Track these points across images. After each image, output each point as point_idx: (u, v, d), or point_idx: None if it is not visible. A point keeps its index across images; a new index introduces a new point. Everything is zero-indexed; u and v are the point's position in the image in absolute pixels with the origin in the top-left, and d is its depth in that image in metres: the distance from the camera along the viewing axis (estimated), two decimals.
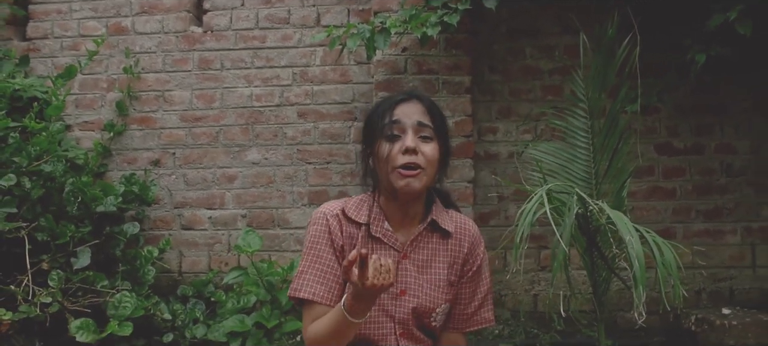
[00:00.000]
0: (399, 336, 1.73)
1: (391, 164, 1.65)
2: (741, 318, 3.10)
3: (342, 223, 1.72)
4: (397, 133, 1.66)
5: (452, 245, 1.80)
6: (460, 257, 1.80)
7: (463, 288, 1.82)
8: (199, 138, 3.77)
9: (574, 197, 1.86)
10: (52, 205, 3.06)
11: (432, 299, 1.75)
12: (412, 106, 1.69)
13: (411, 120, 1.67)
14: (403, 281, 1.72)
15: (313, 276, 1.67)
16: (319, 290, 1.66)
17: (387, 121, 1.67)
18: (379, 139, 1.68)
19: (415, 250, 1.75)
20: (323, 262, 1.68)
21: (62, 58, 3.86)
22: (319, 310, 1.65)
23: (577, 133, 2.56)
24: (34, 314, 2.68)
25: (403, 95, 1.73)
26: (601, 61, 2.44)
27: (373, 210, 1.73)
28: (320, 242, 1.70)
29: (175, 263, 3.72)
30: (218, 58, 3.80)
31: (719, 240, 3.59)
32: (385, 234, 1.72)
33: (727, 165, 3.61)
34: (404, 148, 1.63)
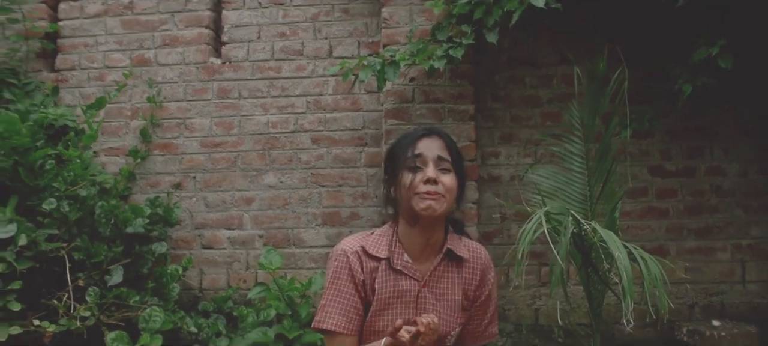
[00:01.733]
0: None
1: (413, 191, 1.77)
2: (730, 329, 3.30)
3: (362, 259, 1.84)
4: (420, 166, 1.79)
5: (466, 273, 1.92)
6: (473, 284, 1.93)
7: (476, 312, 1.96)
8: (219, 163, 4.00)
9: (570, 218, 2.07)
10: (86, 226, 3.28)
11: (448, 324, 1.88)
12: (433, 142, 1.83)
13: (432, 153, 1.80)
14: (423, 308, 1.85)
15: (335, 309, 1.80)
16: (340, 321, 1.79)
17: (410, 154, 1.80)
18: (402, 170, 1.81)
19: (433, 279, 1.88)
20: (344, 296, 1.81)
21: (89, 89, 4.11)
22: (340, 339, 1.80)
23: (573, 157, 2.78)
24: (74, 326, 2.90)
25: (424, 131, 1.86)
26: (593, 92, 2.66)
27: (393, 243, 1.86)
28: (341, 278, 1.82)
29: (196, 280, 3.94)
30: (236, 87, 4.04)
31: (710, 257, 3.79)
32: (405, 266, 1.85)
33: (717, 186, 3.81)
34: (426, 179, 1.77)
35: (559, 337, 3.64)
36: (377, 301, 1.83)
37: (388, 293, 1.83)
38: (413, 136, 1.84)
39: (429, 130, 1.87)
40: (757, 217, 3.78)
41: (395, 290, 1.84)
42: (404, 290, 1.84)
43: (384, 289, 1.83)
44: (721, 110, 3.79)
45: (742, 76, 3.36)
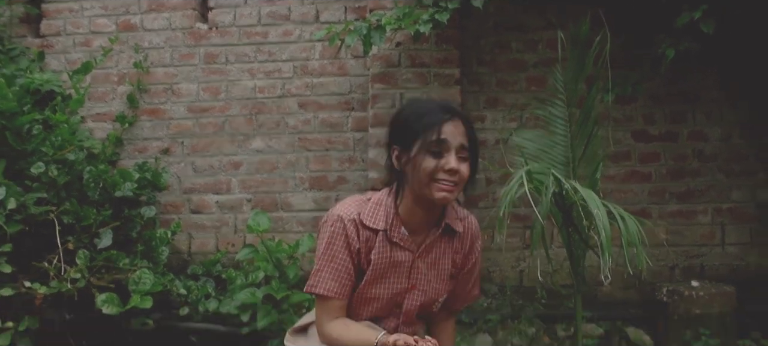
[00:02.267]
0: (401, 323, 1.92)
1: (432, 176, 1.74)
2: (708, 289, 3.39)
3: (359, 229, 1.83)
4: (442, 152, 1.74)
5: (457, 243, 1.95)
6: (462, 253, 1.97)
7: (462, 278, 2.00)
8: (206, 128, 4.02)
9: (551, 178, 2.12)
10: (75, 191, 3.30)
11: (436, 292, 1.93)
12: (456, 127, 1.77)
13: (455, 141, 1.75)
14: (414, 278, 1.89)
15: (328, 274, 1.81)
16: (333, 286, 1.81)
17: (434, 138, 1.73)
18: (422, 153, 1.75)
19: (426, 250, 1.89)
20: (338, 262, 1.81)
21: (74, 54, 4.10)
22: (332, 303, 1.82)
23: (557, 121, 2.82)
24: (64, 289, 2.93)
25: (448, 113, 1.78)
26: (576, 56, 2.70)
27: (391, 215, 1.85)
28: (336, 244, 1.82)
29: (185, 244, 3.98)
30: (223, 52, 4.04)
31: (691, 220, 3.87)
32: (402, 239, 1.85)
33: (699, 151, 3.87)
34: (448, 168, 1.73)
35: (542, 298, 3.72)
36: (372, 271, 1.84)
37: (384, 264, 1.85)
38: (437, 118, 1.76)
39: (452, 112, 1.80)
40: (738, 181, 3.86)
41: (390, 261, 1.86)
42: (399, 261, 1.86)
43: (380, 260, 1.84)
44: (704, 75, 3.84)
45: (725, 41, 3.40)
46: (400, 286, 1.89)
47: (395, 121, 1.88)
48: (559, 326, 3.62)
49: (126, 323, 3.23)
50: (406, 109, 1.88)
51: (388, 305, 1.90)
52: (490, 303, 3.74)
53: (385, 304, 1.90)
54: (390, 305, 1.91)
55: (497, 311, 3.65)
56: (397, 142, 1.85)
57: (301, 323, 2.03)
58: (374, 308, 1.90)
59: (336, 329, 1.81)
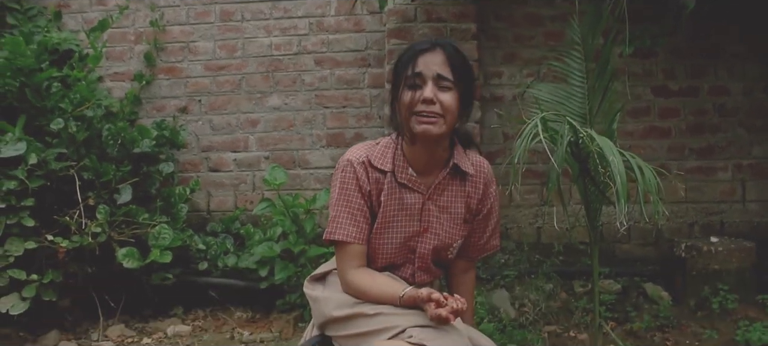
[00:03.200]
0: (416, 269, 1.89)
1: (410, 110, 1.74)
2: (726, 245, 3.36)
3: (368, 170, 1.81)
4: (419, 84, 1.73)
5: (469, 186, 1.91)
6: (476, 197, 1.92)
7: (478, 225, 1.96)
8: (223, 86, 4.03)
9: (566, 126, 2.10)
10: (94, 148, 3.33)
11: (450, 236, 1.89)
12: (434, 57, 1.75)
13: (431, 72, 1.73)
14: (426, 220, 1.86)
15: (345, 219, 1.79)
16: (351, 231, 1.78)
17: (410, 72, 1.74)
18: (402, 88, 1.77)
19: (437, 192, 1.86)
20: (353, 206, 1.79)
21: (91, 13, 4.11)
22: (352, 248, 1.79)
23: (573, 73, 2.77)
24: (86, 243, 2.98)
25: (426, 44, 1.78)
26: (593, 7, 2.65)
27: (397, 157, 1.84)
28: (349, 188, 1.80)
29: (204, 202, 4.02)
30: (238, 10, 4.03)
31: (711, 176, 3.83)
32: (410, 179, 1.83)
33: (720, 106, 3.82)
34: (422, 99, 1.72)
35: (559, 253, 3.72)
36: (383, 213, 1.82)
37: (394, 206, 1.83)
38: (414, 51, 1.77)
39: (432, 44, 1.78)
40: (759, 136, 3.80)
41: (400, 204, 1.83)
42: (409, 204, 1.84)
43: (389, 203, 1.83)
44: (726, 29, 3.76)
45: None
46: (412, 229, 1.86)
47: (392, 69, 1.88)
48: (577, 282, 3.61)
49: (147, 277, 3.28)
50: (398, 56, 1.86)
51: (402, 250, 1.88)
52: (507, 259, 3.75)
53: (398, 249, 1.87)
54: (404, 251, 1.88)
55: (515, 267, 3.65)
56: (392, 88, 1.86)
57: (319, 271, 2.01)
58: (388, 253, 1.87)
59: (361, 279, 1.79)
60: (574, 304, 3.43)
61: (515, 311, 3.35)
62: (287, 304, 3.35)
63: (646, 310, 3.36)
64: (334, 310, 1.78)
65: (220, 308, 3.52)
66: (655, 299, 3.44)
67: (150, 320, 3.41)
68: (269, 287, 3.31)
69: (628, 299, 3.49)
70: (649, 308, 3.38)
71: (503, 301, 3.37)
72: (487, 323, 3.12)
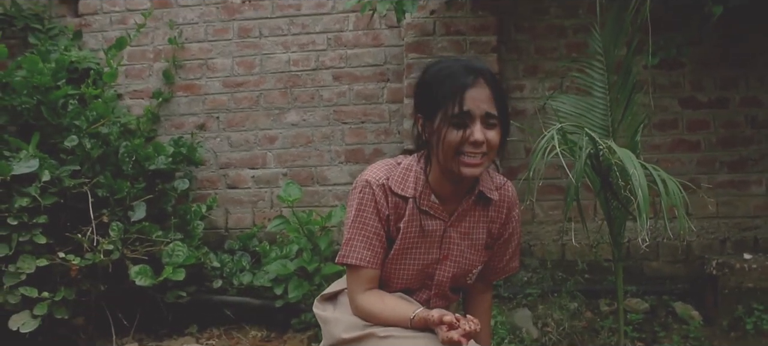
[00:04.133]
0: (433, 295, 1.82)
1: (455, 151, 1.62)
2: (761, 262, 3.21)
3: (387, 194, 1.72)
4: (466, 123, 1.61)
5: (492, 212, 1.83)
6: (498, 222, 1.84)
7: (498, 248, 1.88)
8: (241, 102, 4.00)
9: (585, 138, 2.01)
10: (109, 165, 3.32)
11: (470, 263, 1.82)
12: (480, 93, 1.62)
13: (480, 110, 1.61)
14: (446, 248, 1.78)
15: (360, 243, 1.71)
16: (366, 255, 1.71)
17: (457, 110, 1.60)
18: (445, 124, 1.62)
19: (459, 218, 1.78)
20: (369, 229, 1.72)
21: (111, 32, 4.12)
22: (365, 272, 1.72)
23: (595, 84, 2.69)
24: (98, 260, 2.95)
25: (471, 76, 1.63)
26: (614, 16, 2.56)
27: (419, 182, 1.74)
28: (366, 211, 1.72)
29: (222, 220, 3.98)
30: (256, 26, 4.01)
31: (744, 190, 3.67)
32: (432, 206, 1.74)
33: (752, 117, 3.67)
34: (473, 140, 1.60)
35: (584, 271, 3.60)
36: (402, 240, 1.74)
37: (414, 233, 1.74)
38: (460, 84, 1.61)
39: (475, 74, 1.63)
40: None
41: (420, 231, 1.74)
42: (430, 230, 1.75)
43: (409, 229, 1.74)
44: (758, 36, 3.63)
45: None
46: (432, 257, 1.78)
47: (418, 88, 1.74)
48: (603, 300, 3.49)
49: (161, 295, 3.25)
50: (427, 74, 1.72)
51: (419, 276, 1.80)
52: (530, 277, 3.64)
53: (415, 275, 1.79)
54: (421, 277, 1.80)
55: (538, 285, 3.54)
56: (420, 110, 1.72)
57: (330, 291, 1.93)
58: (404, 279, 1.79)
59: (370, 301, 1.71)
60: (599, 324, 3.30)
61: (538, 331, 3.23)
62: (302, 323, 3.28)
63: (676, 330, 3.23)
64: (344, 332, 1.72)
65: (235, 327, 3.47)
66: (685, 318, 3.30)
67: (164, 338, 3.37)
68: (285, 306, 3.25)
69: (656, 318, 3.36)
70: (678, 329, 3.25)
71: (525, 321, 3.26)
72: (508, 343, 3.02)
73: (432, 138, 1.66)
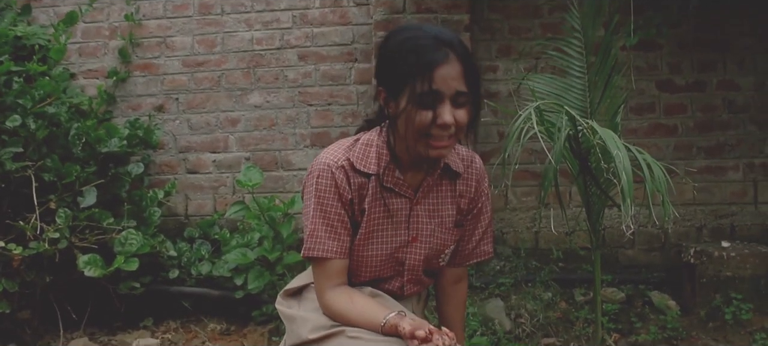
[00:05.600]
0: (406, 281, 1.72)
1: (423, 132, 1.50)
2: (739, 250, 3.13)
3: (349, 175, 1.60)
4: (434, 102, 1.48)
5: (461, 186, 1.72)
6: (467, 196, 1.74)
7: (468, 225, 1.77)
8: (202, 83, 3.81)
9: (564, 117, 1.87)
10: (58, 147, 3.11)
11: (442, 243, 1.71)
12: (451, 69, 1.47)
13: (449, 89, 1.47)
14: (415, 228, 1.67)
15: (324, 233, 1.59)
16: (332, 246, 1.59)
17: (425, 89, 1.46)
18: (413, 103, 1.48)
19: (425, 194, 1.67)
20: (332, 217, 1.59)
21: (64, 7, 3.88)
22: (332, 264, 1.60)
23: (572, 63, 2.55)
24: (43, 249, 2.75)
25: (441, 51, 1.48)
26: None
27: (383, 158, 1.61)
28: (327, 198, 1.59)
29: (182, 206, 3.79)
30: (218, 2, 3.81)
31: (721, 177, 3.60)
32: (396, 183, 1.62)
33: (730, 101, 3.60)
34: (442, 122, 1.47)
35: (559, 259, 3.48)
36: (367, 222, 1.61)
37: (379, 214, 1.62)
38: (428, 60, 1.47)
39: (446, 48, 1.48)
40: None
41: (386, 211, 1.62)
42: (396, 210, 1.63)
43: (374, 210, 1.61)
44: (736, 19, 3.54)
45: None
46: (400, 239, 1.66)
47: (381, 59, 1.58)
48: (578, 290, 3.38)
49: (113, 287, 3.06)
50: (392, 43, 1.56)
51: (389, 262, 1.67)
52: (503, 266, 3.51)
53: (385, 261, 1.67)
54: (391, 263, 1.68)
55: (511, 275, 3.42)
56: (383, 83, 1.58)
57: (294, 285, 1.77)
58: (373, 267, 1.66)
59: (339, 301, 1.57)
60: (574, 314, 3.19)
61: (511, 323, 3.11)
62: (264, 315, 3.11)
63: (653, 321, 3.13)
64: (310, 332, 1.57)
65: (193, 319, 3.29)
66: (662, 308, 3.20)
67: (117, 332, 3.18)
68: (245, 297, 3.08)
69: (632, 308, 3.26)
70: (655, 319, 3.15)
71: (498, 312, 3.13)
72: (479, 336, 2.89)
73: (397, 117, 1.53)
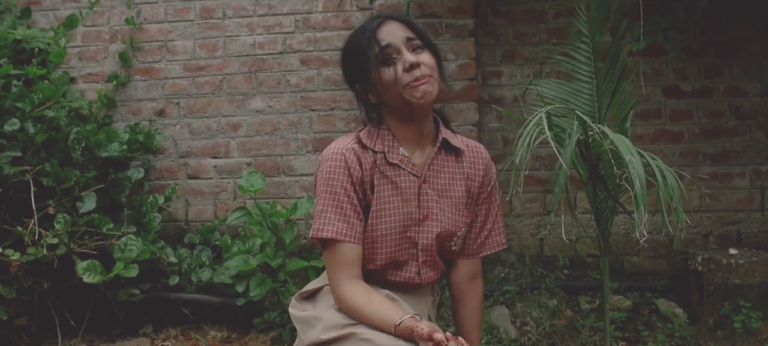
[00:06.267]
0: (421, 264, 1.72)
1: (400, 85, 1.59)
2: (748, 258, 3.08)
3: (359, 155, 1.65)
4: (393, 56, 1.60)
5: (467, 166, 1.78)
6: (476, 180, 1.79)
7: (478, 212, 1.81)
8: (203, 87, 3.76)
9: (575, 122, 1.83)
10: (58, 152, 3.06)
11: (454, 223, 1.73)
12: (391, 27, 1.64)
13: (398, 38, 1.61)
14: (426, 206, 1.69)
15: (334, 214, 1.61)
16: (342, 227, 1.60)
17: (378, 49, 1.60)
18: (376, 69, 1.61)
19: (433, 174, 1.72)
20: (342, 198, 1.61)
21: (64, 11, 3.83)
22: (343, 249, 1.60)
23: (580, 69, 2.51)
24: (41, 255, 2.70)
25: (377, 21, 1.66)
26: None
27: (386, 138, 1.68)
28: (337, 178, 1.62)
29: (182, 212, 3.74)
30: (220, 6, 3.77)
31: (727, 183, 3.56)
32: (402, 160, 1.67)
33: (737, 108, 3.56)
34: (408, 65, 1.58)
35: (564, 266, 3.44)
36: (377, 200, 1.64)
37: (388, 190, 1.66)
38: (369, 30, 1.63)
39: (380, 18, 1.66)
40: None
41: (394, 187, 1.66)
42: (404, 187, 1.67)
43: (383, 186, 1.65)
44: (742, 25, 3.51)
45: None
46: (412, 216, 1.68)
47: (343, 66, 1.77)
48: (583, 298, 3.34)
49: (112, 293, 3.00)
50: (344, 49, 1.75)
51: (402, 242, 1.69)
52: (507, 273, 3.47)
53: (398, 239, 1.68)
54: (404, 244, 1.69)
55: (515, 282, 3.37)
56: (353, 80, 1.73)
57: (309, 288, 1.76)
58: (388, 246, 1.67)
59: (355, 295, 1.56)
60: (580, 322, 3.14)
61: (516, 331, 3.06)
62: (265, 322, 3.06)
63: (660, 329, 3.09)
64: (323, 332, 1.54)
65: (193, 327, 3.24)
66: (669, 316, 3.16)
67: (116, 339, 3.13)
68: (247, 304, 3.03)
69: (639, 316, 3.21)
70: (662, 327, 3.10)
71: (503, 319, 3.09)
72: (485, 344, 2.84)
73: (377, 92, 1.66)
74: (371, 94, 1.69)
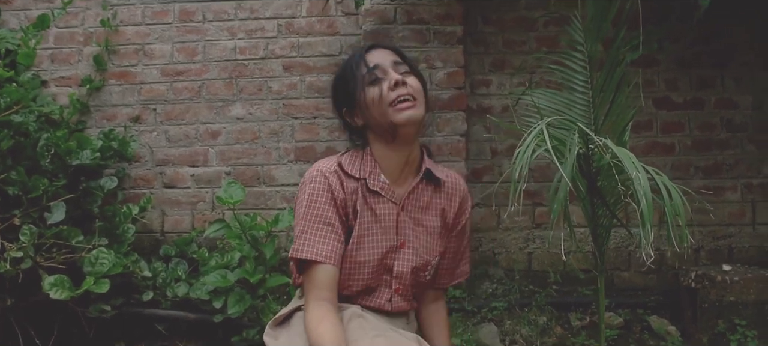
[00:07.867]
0: (394, 292, 1.70)
1: (385, 103, 1.62)
2: (742, 274, 3.00)
3: (342, 179, 1.66)
4: (380, 76, 1.65)
5: (444, 198, 1.78)
6: (452, 211, 1.79)
7: (451, 243, 1.82)
8: (181, 93, 3.62)
9: (576, 134, 1.73)
10: (25, 159, 2.90)
11: (428, 251, 1.74)
12: (380, 52, 1.71)
13: (387, 61, 1.67)
14: (403, 234, 1.70)
15: (314, 235, 1.60)
16: (322, 249, 1.58)
17: (365, 70, 1.65)
18: (363, 89, 1.65)
19: (411, 202, 1.73)
20: (324, 220, 1.61)
21: (35, 11, 3.67)
22: (321, 271, 1.58)
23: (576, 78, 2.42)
24: (4, 270, 2.54)
25: (367, 46, 1.74)
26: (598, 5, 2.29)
27: (368, 164, 1.69)
28: (320, 200, 1.62)
29: (158, 222, 3.59)
30: (200, 9, 3.64)
31: (719, 197, 3.49)
32: (383, 187, 1.68)
33: (728, 120, 3.51)
34: (393, 83, 1.62)
35: (555, 282, 3.34)
36: (359, 226, 1.65)
37: (368, 218, 1.67)
38: (359, 53, 1.71)
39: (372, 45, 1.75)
40: None
41: (373, 215, 1.67)
42: (383, 215, 1.68)
43: (364, 213, 1.66)
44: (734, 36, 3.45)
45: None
46: (389, 243, 1.68)
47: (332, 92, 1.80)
48: (573, 314, 3.24)
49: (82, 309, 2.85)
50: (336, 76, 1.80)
51: (379, 269, 1.68)
52: (495, 289, 3.36)
53: (375, 268, 1.67)
54: (381, 270, 1.68)
55: (504, 298, 3.27)
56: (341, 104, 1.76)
57: (283, 313, 1.72)
58: (365, 274, 1.66)
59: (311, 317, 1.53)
60: (571, 340, 3.05)
61: None
62: (244, 340, 2.92)
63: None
64: None
65: (168, 344, 3.09)
66: (662, 334, 3.08)
67: None
68: (225, 321, 2.89)
69: (631, 334, 3.13)
70: (655, 345, 3.01)
71: (491, 337, 2.98)
72: None
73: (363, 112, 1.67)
74: (357, 116, 1.70)
